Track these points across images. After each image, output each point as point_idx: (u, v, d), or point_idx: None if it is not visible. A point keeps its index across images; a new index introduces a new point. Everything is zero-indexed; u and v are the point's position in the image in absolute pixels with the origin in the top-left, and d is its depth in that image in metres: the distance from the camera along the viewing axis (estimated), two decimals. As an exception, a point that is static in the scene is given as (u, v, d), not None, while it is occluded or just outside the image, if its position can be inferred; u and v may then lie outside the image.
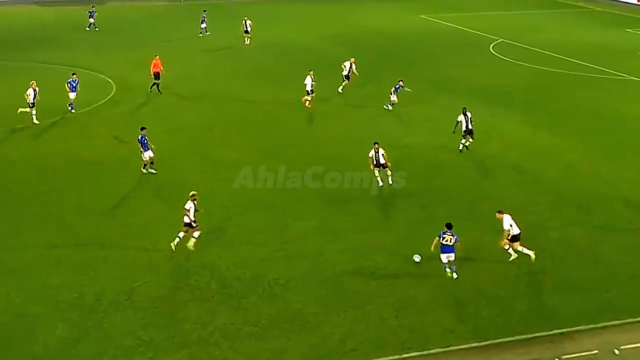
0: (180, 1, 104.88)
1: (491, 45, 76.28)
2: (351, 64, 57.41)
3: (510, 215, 31.13)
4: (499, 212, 31.50)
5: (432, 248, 30.33)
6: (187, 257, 32.32)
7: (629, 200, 38.41)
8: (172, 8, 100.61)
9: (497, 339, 26.93)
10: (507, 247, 31.10)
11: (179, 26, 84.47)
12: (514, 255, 31.27)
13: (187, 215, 32.53)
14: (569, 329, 27.40)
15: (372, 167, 39.11)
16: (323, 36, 78.59)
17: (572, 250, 33.32)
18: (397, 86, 52.77)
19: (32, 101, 48.62)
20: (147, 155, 40.78)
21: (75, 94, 50.71)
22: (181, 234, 32.67)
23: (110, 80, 60.47)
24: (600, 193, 38.77)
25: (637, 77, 63.43)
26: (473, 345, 26.56)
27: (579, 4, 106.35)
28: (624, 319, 28.02)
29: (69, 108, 50.91)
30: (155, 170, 40.96)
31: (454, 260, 30.23)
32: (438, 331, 27.31)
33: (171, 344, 26.51)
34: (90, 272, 31.09)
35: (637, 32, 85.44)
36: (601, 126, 50.44)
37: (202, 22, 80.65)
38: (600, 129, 49.76)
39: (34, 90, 48.56)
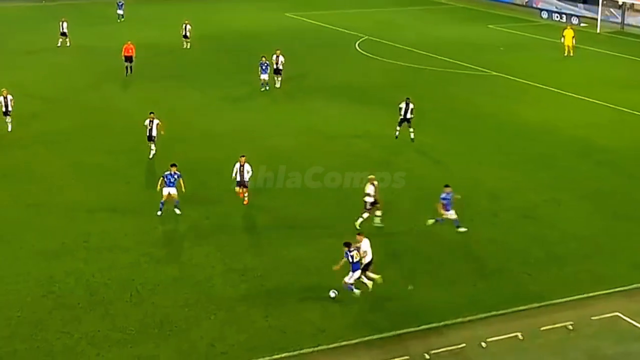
0: (42, 2, 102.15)
1: (357, 43, 76.94)
2: (277, 56, 57.61)
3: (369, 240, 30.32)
4: (359, 234, 30.27)
5: (338, 267, 29.27)
6: (50, 265, 31.55)
7: (493, 194, 39.29)
8: (33, 9, 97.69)
9: (367, 336, 27.05)
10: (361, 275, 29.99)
11: (42, 27, 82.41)
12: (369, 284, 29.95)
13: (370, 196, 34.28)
14: (436, 324, 27.74)
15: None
16: (192, 37, 77.73)
17: (439, 245, 33.84)
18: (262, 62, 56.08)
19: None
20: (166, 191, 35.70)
21: None
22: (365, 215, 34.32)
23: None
24: (465, 188, 39.39)
25: (498, 72, 64.89)
26: (343, 344, 26.63)
27: (442, 0, 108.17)
28: (489, 312, 28.52)
29: None
30: (179, 210, 36.35)
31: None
32: (309, 331, 27.32)
33: (36, 355, 25.76)
34: (-53, 283, 30.12)
35: (499, 28, 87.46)
36: (463, 122, 51.39)
37: (119, 9, 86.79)
38: (463, 125, 50.70)
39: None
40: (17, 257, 32.36)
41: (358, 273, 29.11)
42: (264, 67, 56.46)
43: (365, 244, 29.68)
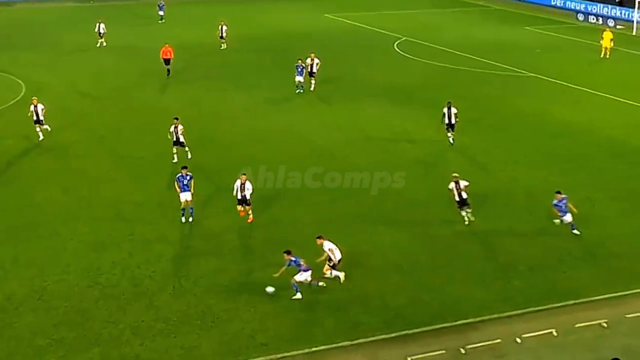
0: (90, 2, 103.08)
1: (395, 44, 76.84)
2: (312, 59, 57.33)
3: (331, 241, 30.30)
4: (319, 237, 30.23)
5: (278, 275, 29.09)
6: (97, 256, 31.91)
7: (529, 193, 39.06)
8: (81, 9, 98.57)
9: (405, 330, 27.08)
10: (328, 272, 30.06)
11: (88, 27, 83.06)
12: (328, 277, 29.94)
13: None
14: (473, 320, 27.70)
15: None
16: (232, 37, 77.93)
17: (476, 243, 33.74)
18: (298, 65, 56.06)
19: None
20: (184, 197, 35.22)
21: None
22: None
23: (19, 81, 59.29)
24: (501, 187, 39.35)
25: (534, 74, 64.52)
26: (381, 337, 26.68)
27: (480, 2, 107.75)
28: (525, 308, 28.42)
29: None
30: (192, 219, 35.67)
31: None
32: (346, 324, 27.35)
33: (82, 343, 26.09)
34: (0, 272, 30.48)
35: (535, 30, 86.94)
36: (502, 122, 51.17)
37: (159, 10, 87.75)
38: (501, 125, 50.47)
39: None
40: (66, 249, 32.80)
41: (308, 275, 28.98)
42: (299, 70, 56.41)
43: (327, 245, 29.86)
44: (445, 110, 45.03)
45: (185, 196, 34.92)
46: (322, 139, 46.97)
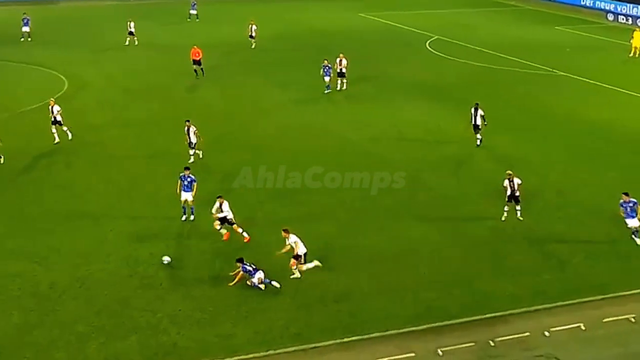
0: (130, 0, 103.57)
1: (427, 42, 76.59)
2: (341, 60, 56.89)
3: (296, 234, 30.15)
4: (285, 230, 30.16)
5: (232, 284, 29.15)
6: (136, 247, 32.24)
7: (559, 190, 38.86)
8: (122, 8, 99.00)
9: (436, 322, 27.08)
10: (294, 267, 29.90)
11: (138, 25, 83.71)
12: (296, 275, 29.89)
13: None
14: (502, 313, 27.66)
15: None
16: (265, 35, 77.99)
17: (506, 239, 33.64)
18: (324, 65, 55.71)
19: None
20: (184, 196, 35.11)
21: None
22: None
23: (62, 77, 59.81)
24: (531, 184, 39.10)
25: (565, 73, 64.09)
26: (411, 329, 26.70)
27: (511, 2, 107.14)
28: (554, 302, 28.34)
29: None
30: (193, 217, 35.36)
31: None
32: (378, 316, 27.42)
33: (121, 330, 26.39)
34: (43, 262, 30.91)
35: (566, 30, 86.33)
36: (531, 120, 50.90)
37: (192, 9, 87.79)
38: (530, 123, 50.21)
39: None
40: (107, 239, 33.14)
41: (260, 275, 29.06)
42: (326, 70, 56.07)
43: (292, 238, 29.76)
44: (472, 111, 44.74)
45: (186, 196, 34.84)
46: (356, 136, 46.93)
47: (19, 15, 77.16)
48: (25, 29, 74.75)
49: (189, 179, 34.89)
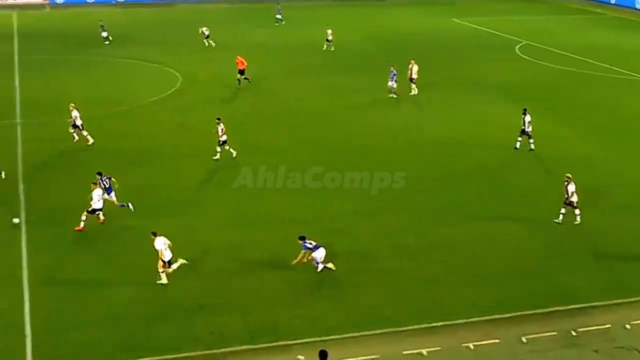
0: (237, 4, 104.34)
1: (517, 47, 75.46)
2: (412, 65, 55.73)
3: (165, 237, 28.86)
4: (153, 233, 28.76)
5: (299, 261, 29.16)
6: (238, 232, 32.81)
7: (635, 193, 37.97)
8: (232, 10, 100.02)
9: (518, 311, 26.92)
10: (161, 270, 28.50)
11: (236, 27, 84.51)
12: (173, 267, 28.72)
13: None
14: (584, 305, 27.36)
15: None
16: (364, 38, 77.73)
17: (583, 236, 33.03)
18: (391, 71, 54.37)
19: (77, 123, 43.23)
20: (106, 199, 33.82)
21: None
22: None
23: (177, 73, 60.89)
24: (614, 183, 38.37)
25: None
26: (495, 317, 26.58)
27: (597, 10, 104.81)
28: (635, 296, 27.92)
29: None
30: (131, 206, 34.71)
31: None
32: (463, 303, 27.40)
33: (226, 308, 26.99)
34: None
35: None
36: (617, 123, 49.79)
37: (277, 14, 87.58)
38: (617, 126, 49.13)
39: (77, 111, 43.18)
40: (212, 225, 33.72)
41: (321, 252, 28.99)
42: (392, 76, 54.61)
43: (159, 242, 28.58)
44: (522, 116, 43.27)
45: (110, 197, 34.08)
46: (444, 135, 46.58)
47: (137, 17, 78.06)
48: (104, 34, 74.28)
49: (107, 180, 34.29)
